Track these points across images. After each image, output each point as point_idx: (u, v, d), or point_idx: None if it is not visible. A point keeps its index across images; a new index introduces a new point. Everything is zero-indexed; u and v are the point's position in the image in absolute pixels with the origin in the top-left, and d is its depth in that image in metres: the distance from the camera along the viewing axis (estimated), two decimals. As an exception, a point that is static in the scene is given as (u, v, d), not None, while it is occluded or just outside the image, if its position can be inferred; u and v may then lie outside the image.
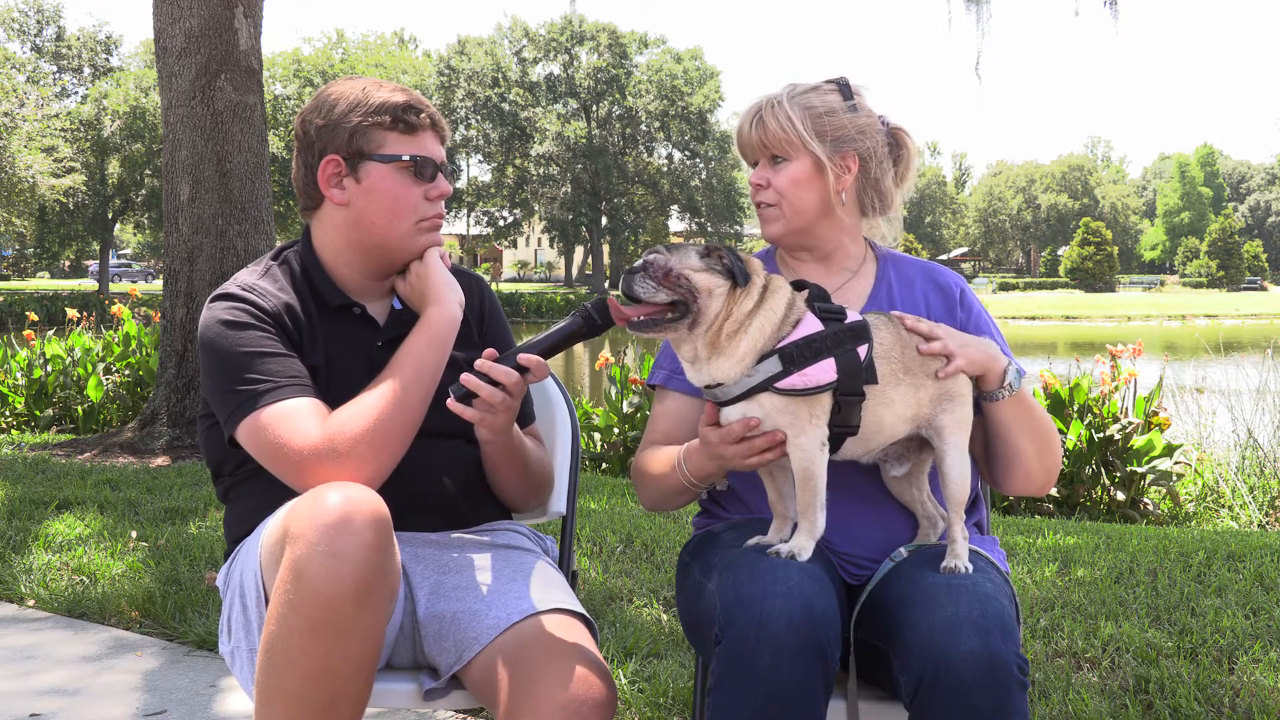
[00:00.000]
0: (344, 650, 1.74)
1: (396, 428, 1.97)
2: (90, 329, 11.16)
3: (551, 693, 1.81)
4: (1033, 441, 2.12)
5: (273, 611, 1.76)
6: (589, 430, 7.46)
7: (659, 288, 1.90)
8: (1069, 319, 52.55)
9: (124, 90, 45.85)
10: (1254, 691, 3.09)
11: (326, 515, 1.74)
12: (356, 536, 1.73)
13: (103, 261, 52.14)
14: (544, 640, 1.91)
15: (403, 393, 2.00)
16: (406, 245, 2.16)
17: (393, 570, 1.81)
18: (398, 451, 1.99)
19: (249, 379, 2.00)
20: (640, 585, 4.16)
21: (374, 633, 1.77)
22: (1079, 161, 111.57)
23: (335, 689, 1.75)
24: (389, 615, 1.85)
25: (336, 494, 1.78)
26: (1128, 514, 6.30)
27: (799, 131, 2.16)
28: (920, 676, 1.77)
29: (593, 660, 1.89)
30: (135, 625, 3.94)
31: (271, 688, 1.76)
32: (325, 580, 1.71)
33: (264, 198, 7.56)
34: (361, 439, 1.93)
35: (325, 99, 2.15)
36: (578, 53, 64.94)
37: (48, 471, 6.47)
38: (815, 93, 2.20)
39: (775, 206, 2.21)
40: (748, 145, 2.23)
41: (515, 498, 2.32)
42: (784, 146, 2.18)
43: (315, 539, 1.73)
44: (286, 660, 1.74)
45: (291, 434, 1.94)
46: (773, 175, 2.20)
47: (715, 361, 1.92)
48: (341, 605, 1.72)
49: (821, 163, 2.17)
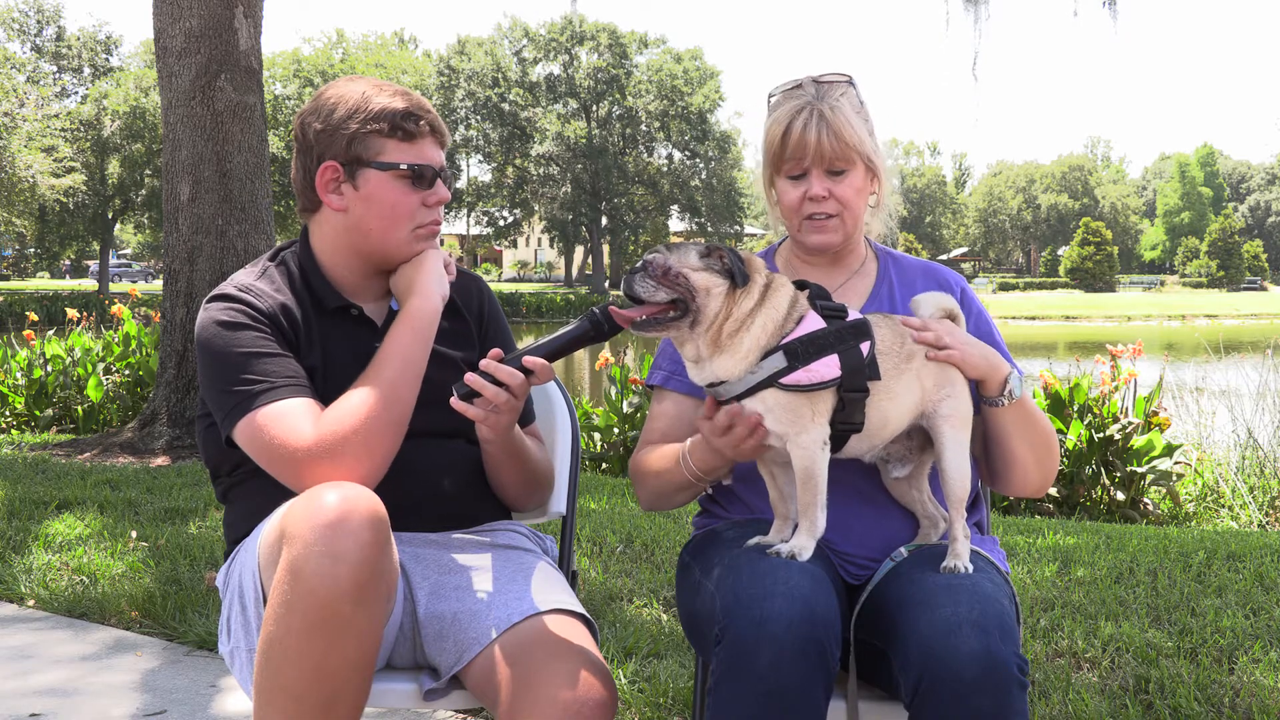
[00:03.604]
0: (342, 650, 1.74)
1: (387, 423, 1.97)
2: (90, 329, 11.16)
3: (552, 693, 1.81)
4: (1032, 449, 2.12)
5: (270, 611, 1.76)
6: (589, 430, 7.46)
7: (658, 287, 1.90)
8: (1069, 319, 52.54)
9: (124, 90, 45.83)
10: (1254, 691, 3.09)
11: (323, 515, 1.75)
12: (353, 536, 1.73)
13: (103, 261, 52.11)
14: (544, 641, 1.91)
15: (390, 387, 2.00)
16: (404, 251, 2.16)
17: (390, 569, 1.81)
18: (391, 447, 1.98)
19: (245, 379, 2.00)
20: (640, 585, 4.16)
21: (371, 632, 1.77)
22: (1079, 161, 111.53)
23: (333, 688, 1.75)
24: (387, 615, 1.85)
25: (333, 494, 1.78)
26: (1128, 514, 6.30)
27: (865, 140, 2.13)
28: (920, 676, 1.77)
29: (593, 661, 1.89)
30: (135, 625, 3.94)
31: (270, 687, 1.76)
32: (322, 580, 1.71)
33: (264, 198, 7.56)
34: (353, 436, 1.93)
35: (324, 102, 2.14)
36: (578, 53, 64.91)
37: (48, 471, 6.47)
38: (848, 95, 2.16)
39: (836, 216, 2.18)
40: (812, 154, 2.13)
41: (516, 498, 2.32)
42: (853, 156, 2.14)
43: (312, 539, 1.73)
44: (284, 660, 1.74)
45: (287, 434, 1.94)
46: (834, 186, 2.15)
47: (718, 359, 1.92)
48: (338, 605, 1.72)
49: (874, 168, 2.17)
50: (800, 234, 2.22)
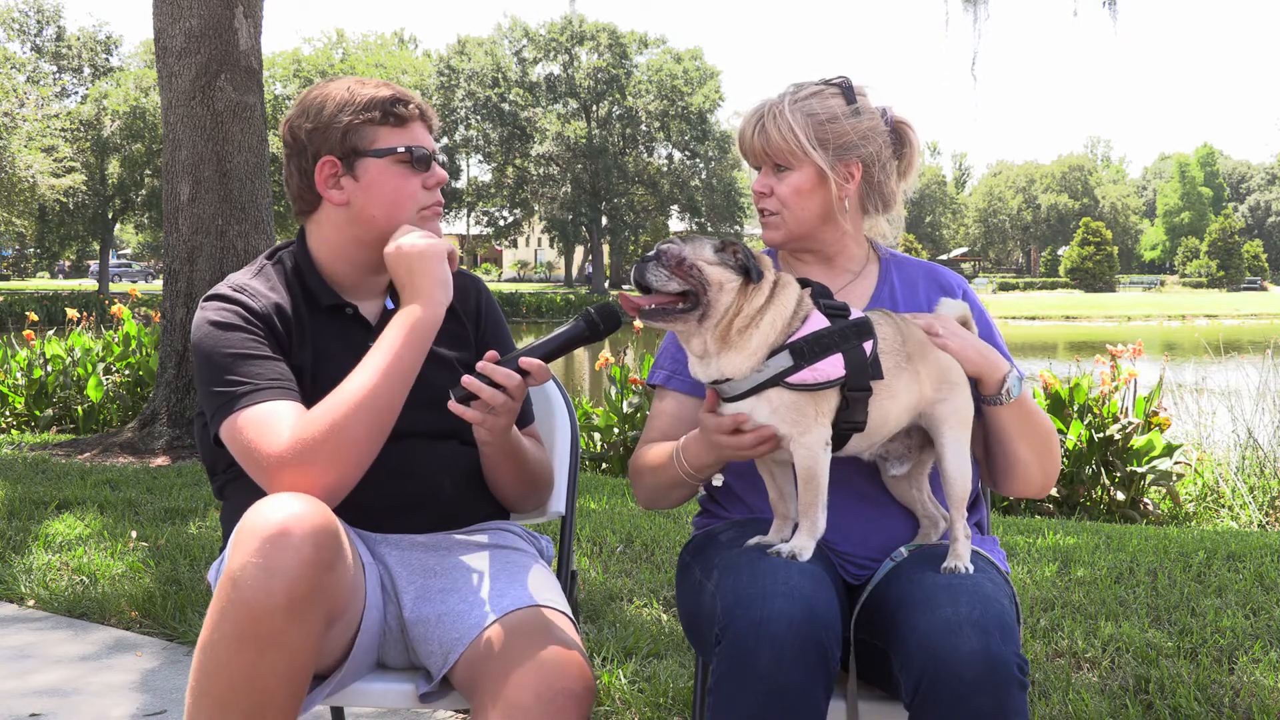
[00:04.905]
0: (271, 662, 1.73)
1: (363, 431, 1.92)
2: (90, 329, 11.16)
3: (525, 680, 1.81)
4: (1033, 449, 2.12)
5: (208, 618, 1.77)
6: (589, 430, 7.46)
7: (671, 276, 1.90)
8: (1069, 319, 52.54)
9: (124, 90, 45.81)
10: (1254, 691, 3.09)
11: (265, 528, 1.74)
12: (292, 551, 1.72)
13: (103, 261, 52.12)
14: (521, 633, 1.90)
15: (371, 394, 1.94)
16: None
17: (333, 584, 1.80)
18: (364, 456, 1.93)
19: (229, 380, 2.00)
20: (640, 585, 4.16)
21: (305, 646, 1.76)
22: (1079, 161, 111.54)
23: (261, 700, 1.75)
24: (325, 630, 1.83)
25: (279, 506, 1.77)
26: (1128, 514, 6.30)
27: (801, 142, 2.14)
28: (920, 677, 1.77)
29: (570, 651, 1.88)
30: (135, 625, 3.94)
31: (200, 692, 1.77)
32: (255, 592, 1.71)
33: (264, 198, 7.56)
34: (323, 445, 1.89)
35: (310, 103, 2.14)
36: (578, 53, 64.91)
37: (48, 471, 6.47)
38: (818, 97, 2.17)
39: (777, 214, 2.21)
40: (750, 151, 2.22)
41: (513, 498, 2.31)
42: (786, 156, 2.16)
43: (252, 550, 1.73)
44: (215, 667, 1.74)
45: (261, 438, 1.93)
46: (775, 183, 2.19)
47: (725, 356, 1.91)
48: (270, 619, 1.71)
49: (824, 172, 2.16)
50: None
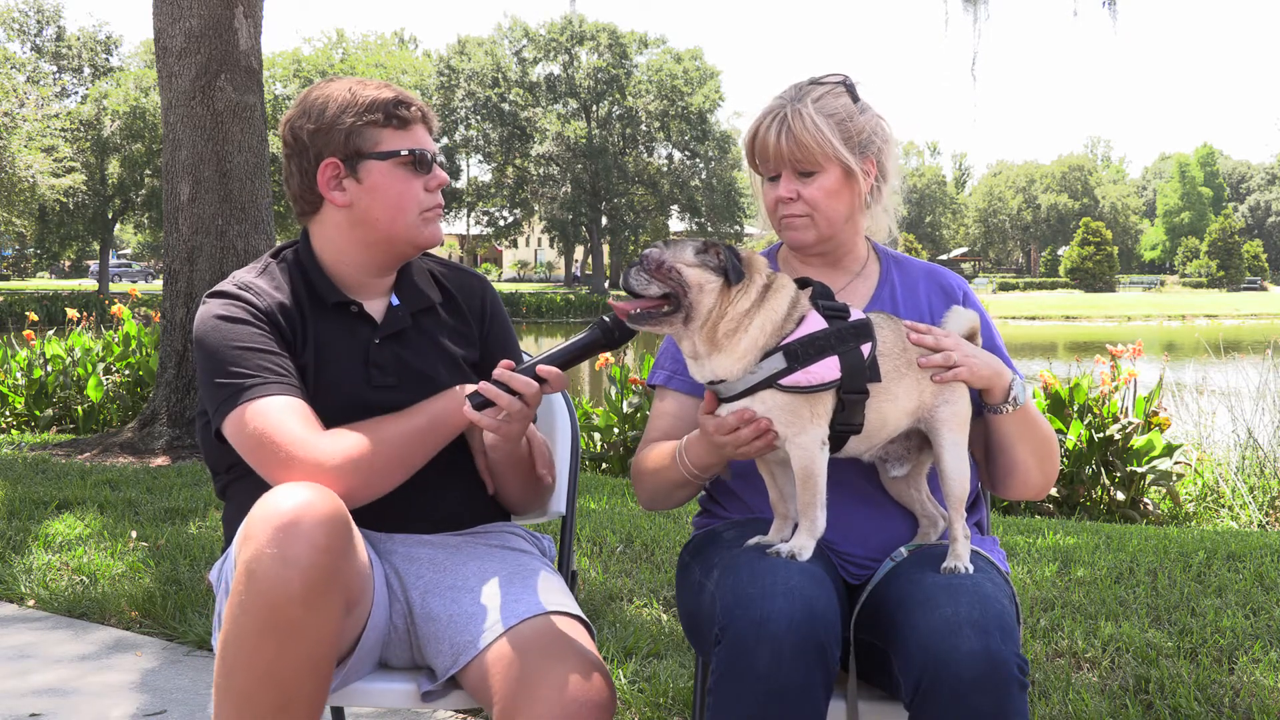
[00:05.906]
0: (293, 653, 1.74)
1: (395, 469, 2.02)
2: (90, 329, 11.16)
3: (550, 694, 1.81)
4: (1034, 454, 2.13)
5: (227, 612, 1.77)
6: (589, 430, 7.46)
7: (651, 280, 1.91)
8: (1069, 319, 52.54)
9: (124, 90, 45.81)
10: (1254, 691, 3.09)
11: (278, 517, 1.75)
12: (305, 539, 1.73)
13: (103, 261, 52.12)
14: (541, 643, 1.90)
15: (418, 437, 2.05)
16: (412, 237, 2.17)
17: (348, 571, 1.81)
18: (381, 488, 2.02)
19: (235, 373, 2.01)
20: (640, 585, 4.16)
21: (325, 635, 1.77)
22: (1079, 161, 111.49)
23: (287, 692, 1.75)
24: (343, 617, 1.84)
25: (290, 495, 1.78)
26: (1128, 514, 6.30)
27: (833, 143, 2.12)
28: (920, 677, 1.77)
29: (591, 661, 1.88)
30: (135, 625, 3.94)
31: (226, 688, 1.77)
32: (273, 583, 1.72)
33: (264, 198, 7.56)
34: (360, 460, 1.96)
35: (312, 104, 2.14)
36: (578, 53, 64.90)
37: (48, 471, 6.47)
38: (830, 96, 2.16)
39: (806, 217, 2.18)
40: (774, 157, 2.16)
41: (517, 502, 2.31)
42: (816, 159, 2.13)
43: (265, 540, 1.74)
44: (238, 661, 1.75)
45: (271, 429, 1.94)
46: (802, 188, 2.15)
47: (716, 358, 1.92)
48: (289, 608, 1.72)
49: (852, 171, 2.15)
50: (780, 233, 2.25)
